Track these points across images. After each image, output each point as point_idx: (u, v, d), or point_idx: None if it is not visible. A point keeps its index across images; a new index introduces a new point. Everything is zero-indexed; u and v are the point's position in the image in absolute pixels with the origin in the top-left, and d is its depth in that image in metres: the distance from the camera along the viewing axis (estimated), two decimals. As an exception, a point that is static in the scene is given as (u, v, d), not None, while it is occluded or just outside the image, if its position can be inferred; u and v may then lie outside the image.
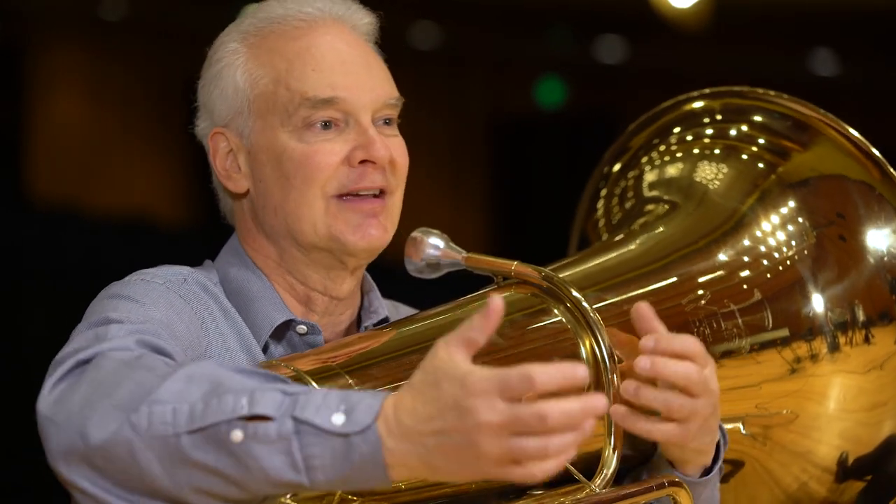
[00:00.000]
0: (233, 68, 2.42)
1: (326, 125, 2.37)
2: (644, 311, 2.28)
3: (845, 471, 2.58)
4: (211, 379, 2.01)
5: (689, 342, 2.24)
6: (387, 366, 2.25)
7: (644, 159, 2.78)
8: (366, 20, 2.47)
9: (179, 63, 13.03)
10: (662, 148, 2.77)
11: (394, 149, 2.40)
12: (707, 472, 2.38)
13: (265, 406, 1.95)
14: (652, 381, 2.23)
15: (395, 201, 2.42)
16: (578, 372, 1.89)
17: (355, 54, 2.41)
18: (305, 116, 2.36)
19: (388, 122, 2.42)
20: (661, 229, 2.63)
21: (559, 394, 1.92)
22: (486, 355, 2.31)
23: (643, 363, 2.22)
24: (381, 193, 2.39)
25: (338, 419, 1.92)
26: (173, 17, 12.48)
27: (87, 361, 2.07)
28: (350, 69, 2.39)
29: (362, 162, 2.37)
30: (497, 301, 1.92)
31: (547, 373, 1.87)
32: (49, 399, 2.05)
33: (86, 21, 12.68)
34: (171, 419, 1.98)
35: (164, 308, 2.26)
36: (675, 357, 2.22)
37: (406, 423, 1.91)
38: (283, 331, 2.40)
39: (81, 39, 12.90)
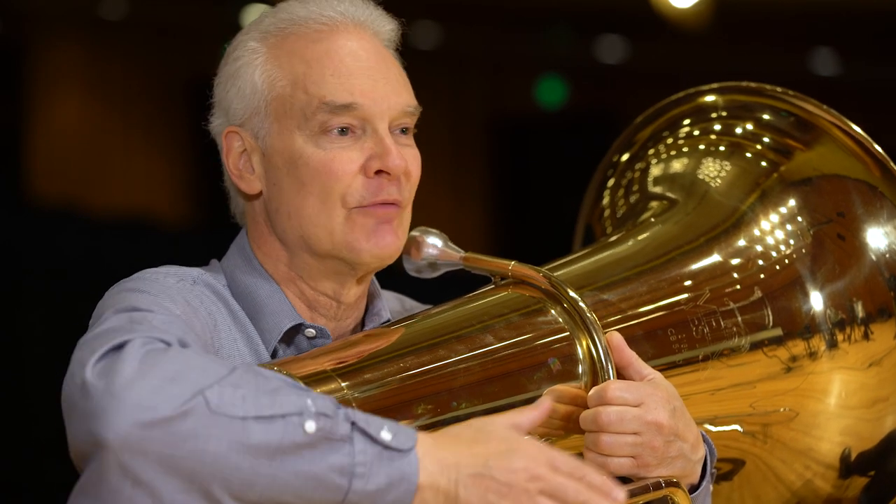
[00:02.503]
0: (251, 68, 2.39)
1: (343, 131, 2.35)
2: (616, 341, 2.36)
3: (848, 467, 2.59)
4: (270, 378, 2.05)
5: (620, 388, 2.30)
6: (379, 369, 2.25)
7: (651, 151, 2.79)
8: (388, 27, 2.45)
9: (180, 62, 13.05)
10: (670, 141, 2.77)
11: (408, 159, 2.39)
12: (695, 488, 2.39)
13: (326, 407, 2.02)
14: None
15: (407, 213, 2.42)
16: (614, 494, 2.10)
17: (375, 61, 2.39)
18: (323, 121, 2.34)
19: (404, 131, 2.40)
20: (661, 227, 2.63)
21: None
22: (483, 357, 2.32)
23: (584, 418, 2.31)
24: (393, 204, 2.38)
25: (386, 435, 2.03)
26: (173, 16, 12.48)
27: (130, 341, 2.04)
28: (369, 75, 2.37)
29: (378, 172, 2.35)
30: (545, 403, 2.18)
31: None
32: (95, 374, 2.00)
33: (86, 20, 12.67)
34: (241, 403, 1.99)
35: (182, 305, 2.25)
36: (612, 404, 2.29)
37: (445, 453, 2.06)
38: (292, 335, 2.39)
39: (82, 39, 12.90)
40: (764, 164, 2.65)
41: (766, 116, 2.69)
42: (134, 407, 1.97)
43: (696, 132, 2.75)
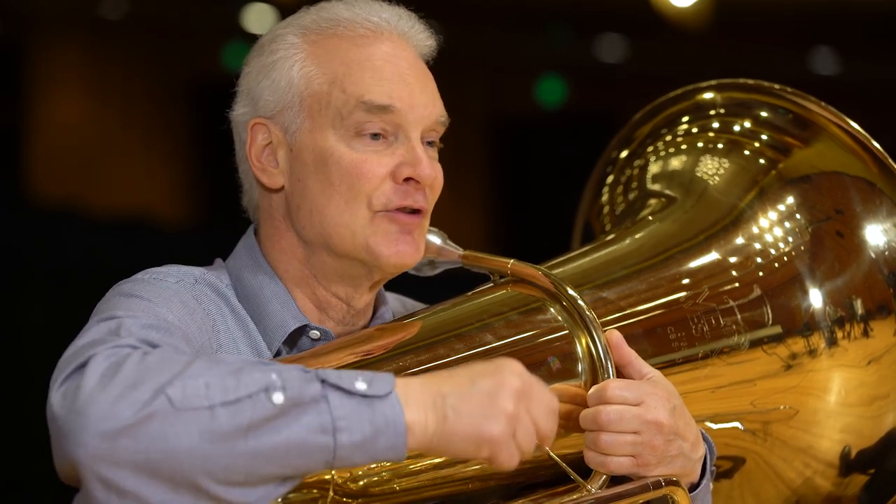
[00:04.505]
0: (289, 62, 2.39)
1: (375, 136, 2.35)
2: (615, 339, 2.35)
3: (848, 465, 2.59)
4: (233, 361, 2.04)
5: (619, 387, 2.30)
6: (378, 368, 2.24)
7: (650, 149, 2.79)
8: (428, 42, 2.46)
9: (180, 62, 13.04)
10: (669, 138, 2.77)
11: (435, 169, 2.39)
12: (695, 486, 2.39)
13: (292, 377, 2.00)
14: None
15: (426, 224, 2.42)
16: None
17: (414, 70, 2.40)
18: (359, 121, 2.34)
19: (430, 143, 2.41)
20: (660, 225, 2.63)
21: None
22: (482, 356, 2.31)
23: (583, 417, 2.31)
24: (417, 212, 2.38)
25: (361, 385, 2.01)
26: (173, 15, 12.47)
27: (92, 357, 2.02)
28: (408, 82, 2.37)
29: (406, 179, 2.35)
30: None
31: None
32: (60, 396, 2.00)
33: (86, 20, 12.67)
34: (205, 392, 1.98)
35: (177, 308, 2.24)
36: (612, 403, 2.29)
37: (426, 386, 2.05)
38: (296, 337, 2.39)
39: (81, 38, 12.89)
40: (762, 161, 2.65)
41: (764, 114, 2.69)
42: (96, 420, 1.95)
43: (695, 129, 2.75)
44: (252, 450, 1.98)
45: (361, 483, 2.19)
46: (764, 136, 2.68)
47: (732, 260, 2.56)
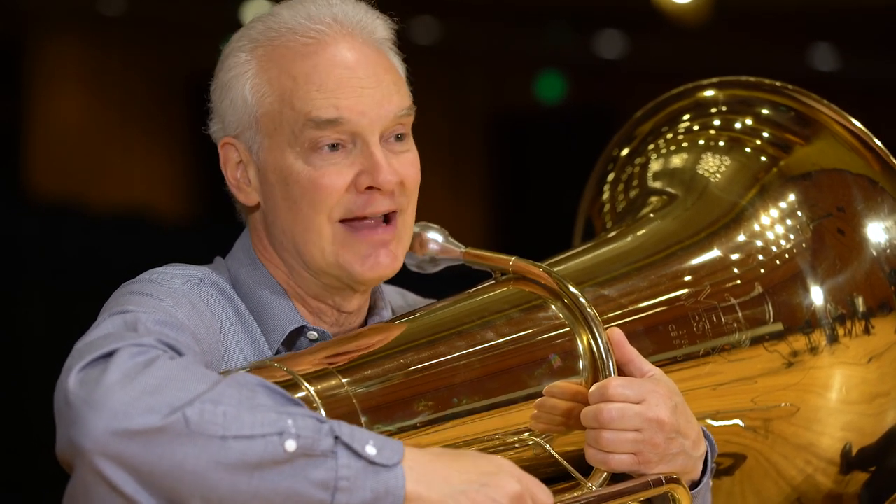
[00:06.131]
0: (242, 80, 2.37)
1: (334, 147, 2.32)
2: (617, 337, 2.35)
3: (849, 462, 2.59)
4: (252, 388, 2.05)
5: (621, 385, 2.29)
6: (380, 365, 2.25)
7: (651, 146, 2.79)
8: (380, 30, 2.40)
9: (179, 58, 13.03)
10: (670, 136, 2.77)
11: (403, 168, 2.36)
12: (696, 484, 2.39)
13: (306, 426, 2.02)
14: None
15: (406, 220, 2.39)
16: None
17: (364, 71, 2.35)
18: (312, 138, 2.31)
19: (399, 137, 2.38)
20: (661, 222, 2.63)
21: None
22: (483, 353, 2.32)
23: (585, 415, 2.31)
24: (390, 216, 2.36)
25: (371, 450, 2.03)
26: (173, 12, 12.47)
27: (117, 351, 2.03)
28: (357, 86, 2.33)
29: (369, 188, 2.33)
30: None
31: None
32: (77, 382, 2.00)
33: (85, 16, 12.66)
34: (222, 421, 1.99)
35: (186, 308, 2.24)
36: (613, 400, 2.28)
37: (434, 467, 2.07)
38: (294, 337, 2.39)
39: (81, 34, 12.88)
40: (763, 158, 2.65)
41: (765, 111, 2.69)
42: (109, 416, 1.96)
43: (696, 127, 2.75)
44: (253, 488, 1.99)
45: None
46: (765, 134, 2.68)
47: (734, 257, 2.56)
